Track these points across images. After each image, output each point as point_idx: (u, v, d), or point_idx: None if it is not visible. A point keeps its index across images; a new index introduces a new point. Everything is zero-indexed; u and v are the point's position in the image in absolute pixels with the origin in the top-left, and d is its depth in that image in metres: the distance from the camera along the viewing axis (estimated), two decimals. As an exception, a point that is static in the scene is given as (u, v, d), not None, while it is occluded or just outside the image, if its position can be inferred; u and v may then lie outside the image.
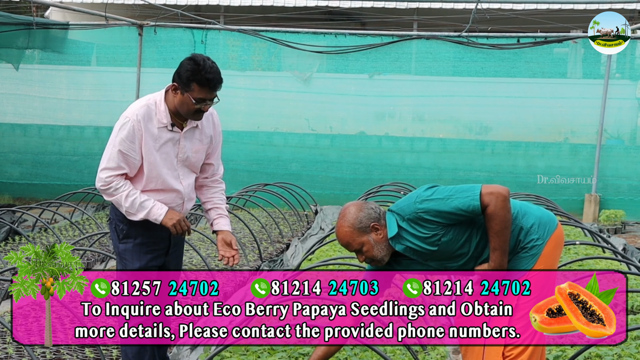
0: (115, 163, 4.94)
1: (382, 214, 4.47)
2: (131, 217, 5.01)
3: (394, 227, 4.42)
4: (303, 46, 15.83)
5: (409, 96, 16.34)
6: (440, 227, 4.34)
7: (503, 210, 4.26)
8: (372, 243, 4.42)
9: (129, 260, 5.11)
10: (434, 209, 4.32)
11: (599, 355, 6.07)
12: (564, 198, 15.11)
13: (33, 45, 16.21)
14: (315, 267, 7.63)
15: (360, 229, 4.41)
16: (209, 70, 4.90)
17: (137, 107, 4.97)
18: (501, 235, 4.28)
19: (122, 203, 4.97)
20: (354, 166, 15.91)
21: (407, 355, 5.97)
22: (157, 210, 5.00)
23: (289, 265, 9.93)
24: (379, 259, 4.46)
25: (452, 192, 4.33)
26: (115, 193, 4.97)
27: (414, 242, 4.40)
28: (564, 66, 15.98)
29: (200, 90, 4.88)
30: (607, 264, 9.51)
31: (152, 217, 5.00)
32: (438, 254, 4.42)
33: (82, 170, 16.28)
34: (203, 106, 4.93)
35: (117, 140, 4.94)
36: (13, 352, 6.18)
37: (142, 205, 4.98)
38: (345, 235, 4.44)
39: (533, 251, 4.43)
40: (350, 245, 4.45)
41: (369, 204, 4.49)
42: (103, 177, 4.97)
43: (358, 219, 4.41)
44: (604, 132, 15.17)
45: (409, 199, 4.44)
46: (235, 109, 16.38)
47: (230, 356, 5.87)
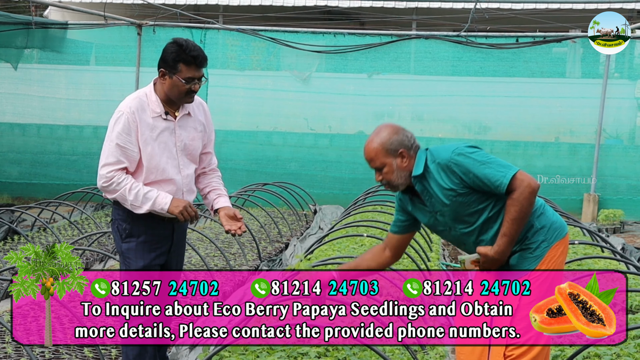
0: (115, 157, 4.95)
1: (414, 146, 4.47)
2: (137, 211, 5.01)
3: (421, 166, 4.43)
4: (302, 46, 15.83)
5: (407, 96, 16.35)
6: (461, 185, 4.34)
7: (527, 201, 4.25)
8: (394, 167, 4.44)
9: (133, 259, 5.10)
10: (466, 166, 4.31)
11: (598, 354, 6.08)
12: (563, 198, 15.12)
13: (32, 45, 16.20)
14: (314, 267, 7.63)
15: (389, 151, 4.43)
16: (192, 49, 4.94)
17: (129, 101, 5.02)
18: (516, 223, 4.27)
19: (126, 196, 4.96)
20: (353, 166, 15.91)
21: (406, 355, 5.97)
22: (162, 200, 4.99)
23: (288, 265, 9.93)
24: (394, 185, 4.48)
25: (490, 160, 4.32)
26: (118, 188, 4.96)
27: (433, 188, 4.41)
28: (562, 66, 15.98)
29: (187, 69, 4.93)
30: (606, 263, 9.51)
31: (158, 207, 5.00)
32: (447, 209, 4.41)
33: (81, 169, 16.28)
34: (193, 85, 4.97)
35: (113, 135, 4.96)
36: (12, 352, 6.18)
37: (146, 197, 4.97)
38: (372, 151, 4.46)
39: (537, 252, 4.41)
40: (373, 161, 4.47)
41: (406, 131, 4.51)
42: (104, 174, 4.97)
43: (390, 140, 4.44)
44: (603, 132, 15.17)
45: (448, 147, 4.43)
46: (234, 108, 16.38)
47: (230, 356, 5.87)
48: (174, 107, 5.08)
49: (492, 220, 4.41)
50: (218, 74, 16.04)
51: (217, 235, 11.83)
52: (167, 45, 5.00)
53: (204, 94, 15.63)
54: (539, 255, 4.41)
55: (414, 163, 4.45)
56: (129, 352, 5.14)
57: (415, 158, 4.46)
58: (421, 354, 6.10)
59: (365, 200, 13.53)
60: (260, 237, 11.80)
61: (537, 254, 4.41)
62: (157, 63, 5.06)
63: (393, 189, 4.52)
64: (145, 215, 5.06)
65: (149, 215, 5.07)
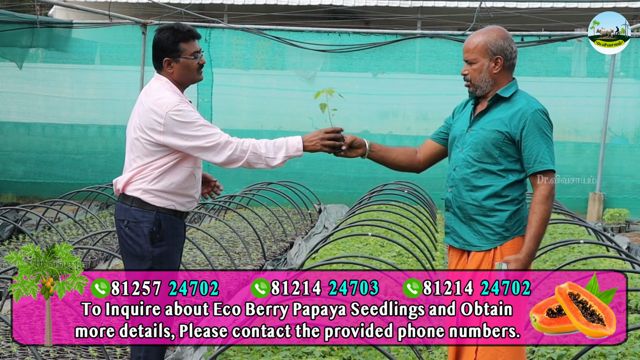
0: (214, 128, 4.86)
1: (512, 61, 4.48)
2: (273, 163, 4.87)
3: (510, 91, 4.46)
4: (307, 45, 15.82)
5: (412, 95, 16.33)
6: (511, 133, 4.38)
7: (551, 203, 4.33)
8: (483, 68, 4.46)
9: (166, 264, 4.92)
10: (532, 127, 4.35)
11: (603, 354, 6.07)
12: (568, 197, 15.09)
13: (37, 44, 16.22)
14: (319, 265, 7.62)
15: (488, 50, 4.44)
16: (183, 26, 4.96)
17: (169, 95, 4.88)
18: (544, 224, 4.30)
19: (258, 152, 4.83)
20: (358, 165, 15.89)
21: (410, 354, 5.96)
22: (292, 142, 4.94)
23: (293, 264, 9.93)
24: (475, 84, 4.50)
25: (549, 141, 4.38)
26: (245, 148, 4.82)
27: (494, 114, 4.45)
28: (568, 65, 15.95)
29: (189, 45, 4.93)
30: (611, 262, 9.49)
31: (292, 150, 4.94)
32: (479, 149, 4.45)
33: (85, 168, 16.30)
34: (200, 59, 4.98)
35: (192, 116, 4.80)
36: (17, 351, 6.19)
37: (276, 145, 4.88)
38: (473, 45, 4.47)
39: (495, 237, 4.44)
40: (469, 52, 4.49)
41: (513, 43, 4.49)
42: (226, 139, 4.81)
43: (495, 42, 4.45)
44: (608, 131, 15.14)
45: (535, 102, 4.43)
46: (238, 107, 16.38)
47: (234, 355, 5.87)
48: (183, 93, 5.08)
49: (506, 189, 4.43)
50: (223, 73, 16.05)
51: (221, 235, 11.83)
52: (159, 34, 4.93)
53: (209, 93, 15.64)
54: (495, 241, 4.43)
55: (504, 79, 4.48)
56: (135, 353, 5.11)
57: (507, 77, 4.48)
58: (426, 353, 6.09)
59: (370, 199, 13.51)
60: (265, 236, 11.80)
61: (495, 238, 4.44)
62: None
63: (472, 87, 4.52)
64: (171, 216, 4.93)
65: (174, 215, 4.95)
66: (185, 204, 5.04)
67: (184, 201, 5.01)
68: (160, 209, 4.92)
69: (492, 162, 4.43)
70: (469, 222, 4.50)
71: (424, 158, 4.89)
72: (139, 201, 4.91)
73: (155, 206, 4.91)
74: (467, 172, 4.50)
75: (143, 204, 4.91)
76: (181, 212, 5.05)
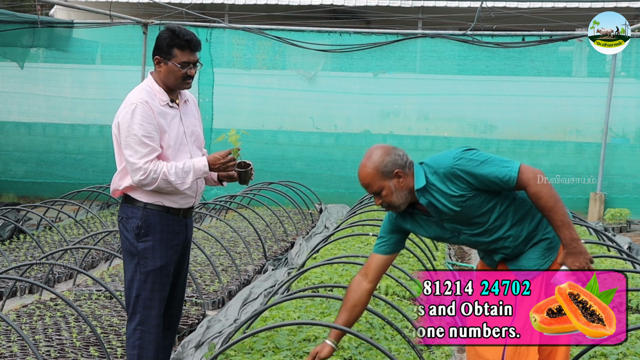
0: (146, 148, 4.87)
1: (408, 163, 4.40)
2: (182, 187, 4.94)
3: (422, 179, 4.36)
4: (308, 45, 15.82)
5: (413, 95, 16.33)
6: (469, 189, 4.28)
7: (547, 187, 4.20)
8: (392, 189, 4.36)
9: (150, 259, 5.01)
10: (470, 169, 4.26)
11: (604, 354, 6.07)
12: (569, 197, 15.08)
13: (38, 44, 16.22)
14: (320, 265, 7.63)
15: (384, 173, 4.36)
16: (185, 34, 4.96)
17: (137, 92, 4.99)
18: (557, 210, 4.18)
19: (168, 179, 4.89)
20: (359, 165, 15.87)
21: (411, 354, 5.97)
22: (198, 164, 4.98)
23: (294, 264, 9.93)
24: (396, 206, 4.41)
25: (491, 158, 4.27)
26: (156, 175, 4.87)
27: (439, 199, 4.34)
28: (569, 64, 15.94)
29: (182, 54, 4.94)
30: (612, 262, 9.49)
31: (199, 173, 4.98)
32: (457, 216, 4.36)
33: (86, 168, 16.31)
34: (189, 70, 4.97)
35: (134, 127, 4.86)
36: (17, 350, 6.19)
37: (184, 171, 4.93)
38: (368, 176, 4.41)
39: (554, 242, 4.39)
40: (370, 186, 4.41)
41: (397, 150, 4.42)
42: (140, 166, 4.86)
43: (383, 163, 4.36)
44: (609, 131, 15.13)
45: (446, 155, 4.37)
46: (239, 107, 16.38)
47: (235, 355, 5.87)
48: (173, 95, 5.07)
49: (501, 217, 4.38)
50: (223, 72, 16.05)
51: (222, 234, 11.83)
52: (160, 32, 5.02)
53: (210, 93, 15.65)
54: (555, 247, 4.40)
55: (412, 180, 4.38)
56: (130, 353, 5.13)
57: (413, 174, 4.39)
58: (427, 353, 6.09)
59: (371, 199, 13.50)
60: (266, 236, 11.80)
61: (553, 244, 4.40)
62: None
63: (395, 209, 4.45)
64: (160, 212, 5.02)
65: (164, 211, 5.03)
66: (178, 201, 5.07)
67: (175, 198, 5.04)
68: (148, 205, 5.02)
69: (484, 209, 4.35)
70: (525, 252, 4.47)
71: (375, 276, 4.70)
72: (129, 197, 5.07)
73: (142, 202, 5.02)
74: (477, 233, 4.44)
75: (132, 200, 5.05)
76: (175, 209, 5.06)
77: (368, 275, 4.69)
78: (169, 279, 5.14)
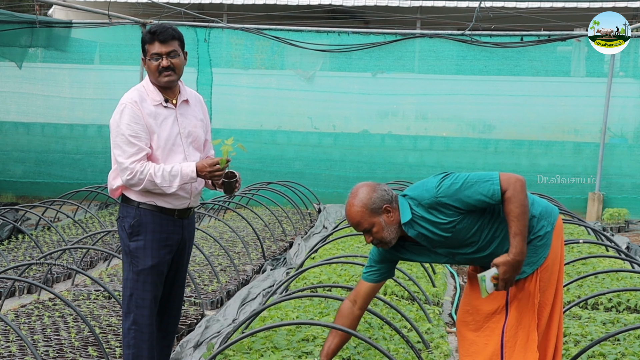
0: (133, 147, 4.88)
1: (394, 197, 4.40)
2: (169, 191, 4.93)
3: (407, 212, 4.35)
4: (306, 45, 15.81)
5: (412, 94, 16.33)
6: (457, 213, 4.28)
7: (522, 194, 4.21)
8: (382, 225, 4.35)
9: (141, 258, 5.02)
10: (455, 195, 4.25)
11: (603, 353, 6.07)
12: (567, 196, 15.08)
13: (36, 44, 16.21)
14: (318, 265, 7.63)
15: (373, 210, 4.34)
16: (153, 27, 4.99)
17: (129, 93, 5.03)
18: (521, 219, 4.19)
19: (154, 181, 4.89)
20: (357, 164, 15.90)
21: (410, 354, 5.96)
22: (186, 169, 4.95)
23: (292, 264, 9.93)
24: (387, 241, 4.40)
25: (471, 179, 4.27)
26: (143, 176, 4.88)
27: (428, 228, 4.34)
28: (567, 64, 15.94)
29: (151, 47, 4.97)
30: (610, 262, 9.50)
31: (187, 178, 4.95)
32: (449, 241, 4.36)
33: (85, 168, 16.30)
34: (160, 62, 4.95)
35: (122, 127, 4.89)
36: (16, 351, 6.18)
37: (172, 174, 4.91)
38: (357, 214, 4.37)
39: (545, 239, 4.40)
40: (361, 224, 4.38)
41: (381, 185, 4.43)
42: (127, 165, 4.87)
43: (371, 200, 4.35)
44: (608, 131, 15.13)
45: (425, 185, 4.37)
46: (238, 107, 16.37)
47: (234, 355, 5.86)
48: (169, 94, 5.07)
49: (491, 232, 4.39)
50: (222, 72, 16.05)
51: (221, 234, 11.83)
52: None
53: (209, 93, 15.63)
54: (547, 242, 4.42)
55: (399, 214, 4.38)
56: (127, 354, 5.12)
57: (399, 208, 4.39)
58: (425, 353, 6.09)
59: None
60: (265, 236, 11.80)
61: (545, 240, 4.41)
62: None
63: (385, 245, 4.43)
64: (153, 212, 5.02)
65: (157, 211, 5.03)
66: (171, 202, 5.06)
67: (168, 199, 5.04)
68: (141, 204, 5.04)
69: (475, 229, 4.35)
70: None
71: (365, 302, 4.74)
72: (124, 197, 5.10)
73: (136, 201, 5.04)
74: (472, 251, 4.43)
75: (127, 199, 5.08)
76: (169, 209, 5.05)
77: (357, 302, 4.73)
78: (161, 279, 5.12)
